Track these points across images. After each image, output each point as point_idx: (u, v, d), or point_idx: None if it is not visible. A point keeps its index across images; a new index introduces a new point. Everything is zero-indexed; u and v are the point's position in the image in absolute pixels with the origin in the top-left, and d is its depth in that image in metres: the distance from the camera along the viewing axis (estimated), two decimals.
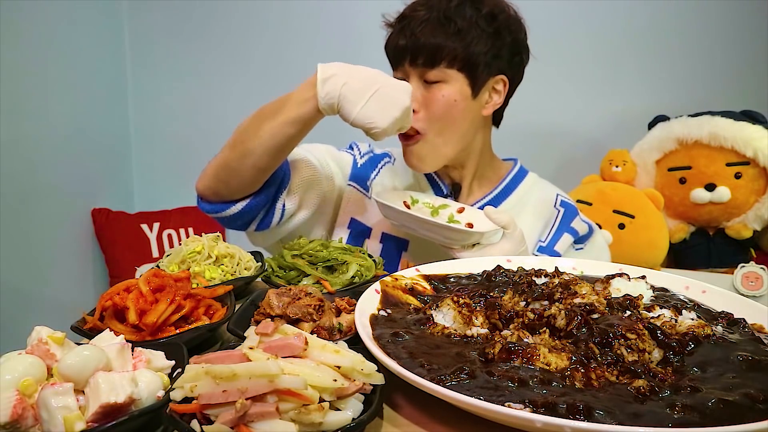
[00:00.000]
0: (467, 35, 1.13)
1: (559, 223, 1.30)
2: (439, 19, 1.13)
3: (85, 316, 0.75)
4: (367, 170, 1.35)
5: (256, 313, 0.76)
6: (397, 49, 1.15)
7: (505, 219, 1.03)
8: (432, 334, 0.69)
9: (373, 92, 0.98)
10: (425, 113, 1.16)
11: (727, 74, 2.29)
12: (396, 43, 1.15)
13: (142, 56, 2.68)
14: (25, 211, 2.10)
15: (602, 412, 0.50)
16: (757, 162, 1.86)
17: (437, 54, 1.13)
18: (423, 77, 1.15)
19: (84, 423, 0.50)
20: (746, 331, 0.68)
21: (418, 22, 1.14)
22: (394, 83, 1.01)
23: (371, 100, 0.97)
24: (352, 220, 1.30)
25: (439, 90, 1.15)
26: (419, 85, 1.16)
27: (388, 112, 0.97)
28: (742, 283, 1.47)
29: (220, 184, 1.10)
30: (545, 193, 1.36)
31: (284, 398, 0.50)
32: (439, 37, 1.12)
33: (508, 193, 1.34)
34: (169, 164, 2.76)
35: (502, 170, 1.38)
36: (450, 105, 1.16)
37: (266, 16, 2.58)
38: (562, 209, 1.32)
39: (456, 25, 1.13)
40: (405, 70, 1.17)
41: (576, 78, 2.42)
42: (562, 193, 1.37)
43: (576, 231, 1.30)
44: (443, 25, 1.13)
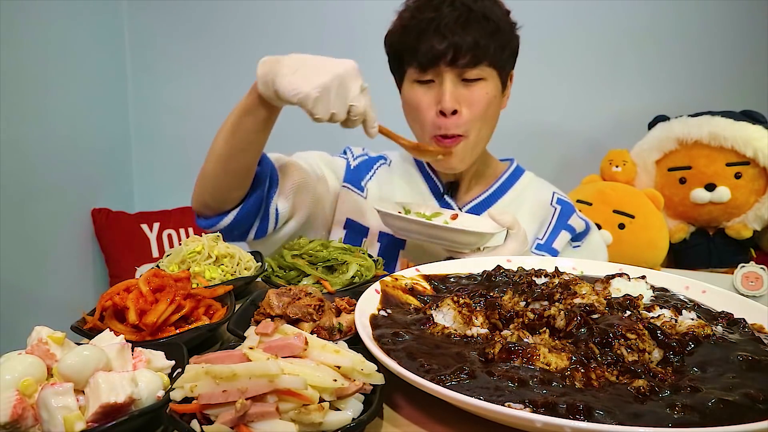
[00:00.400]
0: (503, 33, 1.14)
1: (555, 221, 1.31)
2: (477, 18, 1.12)
3: (85, 316, 0.75)
4: (361, 172, 1.35)
5: (256, 313, 0.76)
6: (434, 51, 1.11)
7: (509, 219, 1.03)
8: (432, 334, 0.69)
9: (303, 64, 0.97)
10: (469, 112, 1.15)
11: (727, 74, 2.29)
12: (431, 43, 1.11)
13: (142, 56, 2.68)
14: (25, 211, 2.10)
15: (602, 412, 0.50)
16: (757, 162, 1.86)
17: (482, 53, 1.12)
18: (461, 76, 1.14)
19: (84, 423, 0.50)
20: (746, 331, 0.68)
21: (455, 21, 1.11)
22: (332, 59, 0.98)
23: (299, 71, 0.95)
24: (348, 220, 1.30)
25: (482, 88, 1.15)
26: (457, 84, 1.14)
27: (314, 79, 0.93)
28: (742, 283, 1.47)
29: (207, 196, 1.11)
30: (541, 192, 1.37)
31: (284, 398, 0.50)
32: (481, 36, 1.11)
33: (504, 191, 1.34)
34: (169, 164, 2.76)
35: (499, 169, 1.39)
36: (491, 102, 1.17)
37: (266, 16, 2.58)
38: (558, 207, 1.33)
39: (494, 24, 1.13)
40: (439, 70, 1.13)
41: (576, 78, 2.42)
42: (558, 191, 1.38)
43: (573, 228, 1.31)
44: (482, 24, 1.12)
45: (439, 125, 1.16)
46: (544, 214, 1.32)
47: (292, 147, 2.23)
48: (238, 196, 1.11)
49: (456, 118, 1.14)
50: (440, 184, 1.33)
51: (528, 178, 1.39)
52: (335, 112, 0.96)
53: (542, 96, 2.42)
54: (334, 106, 0.95)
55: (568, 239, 1.30)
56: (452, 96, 1.13)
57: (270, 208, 1.15)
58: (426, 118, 1.17)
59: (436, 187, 1.33)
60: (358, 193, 1.32)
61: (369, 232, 1.29)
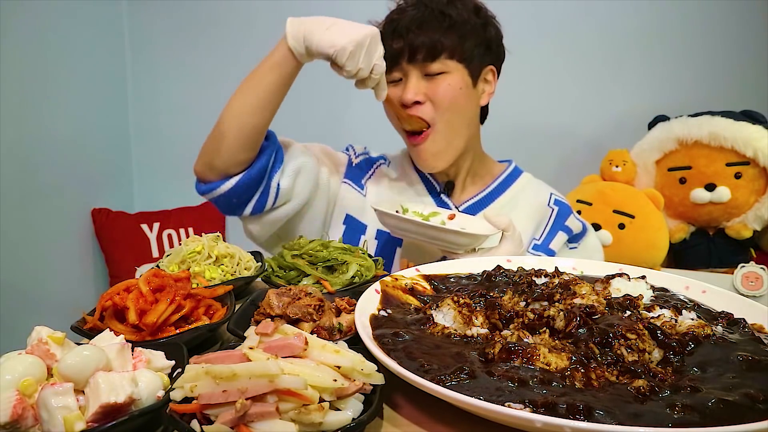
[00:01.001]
0: (462, 28, 1.18)
1: (553, 222, 1.32)
2: (433, 15, 1.17)
3: (85, 316, 0.75)
4: (362, 170, 1.37)
5: (256, 313, 0.76)
6: (393, 50, 1.17)
7: (505, 221, 1.04)
8: (432, 334, 0.69)
9: (335, 23, 1.06)
10: (432, 104, 1.18)
11: (727, 74, 2.29)
12: (391, 45, 1.17)
13: (142, 56, 2.68)
14: (25, 211, 2.10)
15: (602, 412, 0.50)
16: (757, 162, 1.86)
17: (436, 47, 1.16)
18: (424, 71, 1.18)
19: (84, 423, 0.50)
20: (746, 331, 0.68)
21: (411, 20, 1.16)
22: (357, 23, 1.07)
23: (333, 28, 1.04)
24: (347, 216, 1.31)
25: (443, 80, 1.18)
26: (420, 80, 1.18)
27: (349, 34, 1.02)
28: (742, 283, 1.47)
29: (214, 156, 1.13)
30: (539, 193, 1.38)
31: (284, 398, 0.50)
32: (435, 31, 1.16)
33: (501, 191, 1.35)
34: (169, 164, 2.76)
35: (496, 169, 1.40)
36: (456, 92, 1.19)
37: (266, 16, 2.58)
38: (555, 208, 1.34)
39: (451, 19, 1.17)
40: (403, 69, 1.19)
41: (576, 78, 2.42)
42: (555, 192, 1.39)
43: (570, 229, 1.32)
44: (438, 20, 1.16)
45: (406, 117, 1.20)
46: (541, 215, 1.33)
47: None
48: (246, 158, 1.14)
49: (420, 108, 1.18)
50: (437, 184, 1.34)
51: (526, 179, 1.40)
52: (362, 68, 1.04)
53: (542, 96, 2.43)
54: (362, 62, 1.04)
55: (565, 240, 1.31)
56: (413, 88, 1.18)
57: (272, 182, 1.17)
58: (395, 114, 1.22)
59: (433, 187, 1.34)
60: (358, 191, 1.33)
61: (367, 230, 1.30)
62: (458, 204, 1.33)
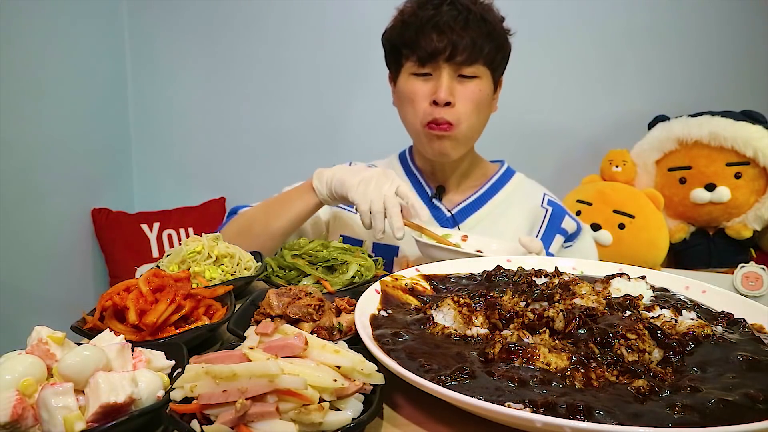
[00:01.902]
0: (498, 37, 1.21)
1: (547, 223, 1.33)
2: (476, 19, 1.18)
3: (85, 316, 0.75)
4: None
5: (256, 313, 0.76)
6: (433, 46, 1.17)
7: (537, 246, 1.07)
8: (432, 334, 0.69)
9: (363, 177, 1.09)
10: (462, 106, 1.20)
11: (727, 74, 2.29)
12: (432, 40, 1.17)
13: (142, 56, 2.68)
14: (25, 211, 2.10)
15: (602, 412, 0.50)
16: (757, 162, 1.86)
17: (478, 51, 1.18)
18: (458, 72, 1.20)
19: (84, 423, 0.50)
20: (746, 331, 0.68)
21: (454, 19, 1.17)
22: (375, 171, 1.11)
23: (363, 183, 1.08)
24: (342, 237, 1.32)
25: (476, 85, 1.21)
26: (452, 79, 1.20)
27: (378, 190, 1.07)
28: (742, 283, 1.47)
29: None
30: (532, 193, 1.39)
31: (284, 398, 0.50)
32: (479, 36, 1.17)
33: (494, 193, 1.36)
34: (169, 164, 2.76)
35: (489, 170, 1.41)
36: (483, 99, 1.23)
37: (266, 16, 2.58)
38: (549, 208, 1.35)
39: (490, 26, 1.19)
40: (437, 65, 1.19)
41: (576, 78, 2.42)
42: (549, 193, 1.41)
43: (566, 231, 1.34)
44: (479, 25, 1.18)
45: (432, 113, 1.20)
46: (534, 216, 1.34)
47: (295, 147, 2.23)
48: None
49: (449, 109, 1.19)
50: (428, 189, 1.35)
51: (518, 179, 1.41)
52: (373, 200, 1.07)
53: (542, 96, 2.43)
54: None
55: (562, 242, 1.33)
56: (447, 88, 1.18)
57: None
58: (420, 107, 1.22)
59: (424, 192, 1.35)
60: (349, 210, 1.35)
61: (363, 245, 1.31)
62: (451, 207, 1.34)
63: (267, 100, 2.64)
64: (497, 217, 1.34)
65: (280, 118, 2.63)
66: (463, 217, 1.33)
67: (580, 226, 1.37)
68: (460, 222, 1.32)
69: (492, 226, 1.32)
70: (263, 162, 2.67)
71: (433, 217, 1.33)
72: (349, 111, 2.57)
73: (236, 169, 2.72)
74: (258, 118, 2.64)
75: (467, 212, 1.32)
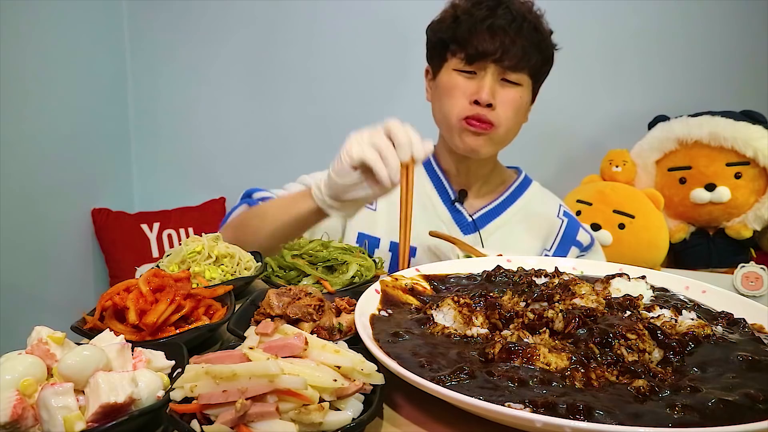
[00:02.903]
0: (546, 49, 1.22)
1: (563, 234, 1.35)
2: (530, 27, 1.18)
3: (85, 316, 0.75)
4: None
5: (256, 313, 0.76)
6: (484, 47, 1.17)
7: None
8: (432, 334, 0.69)
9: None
10: (502, 110, 1.20)
11: (727, 74, 2.29)
12: (484, 40, 1.17)
13: (142, 56, 2.68)
14: (25, 211, 2.10)
15: (602, 412, 0.50)
16: (757, 162, 1.86)
17: (526, 60, 1.18)
18: (502, 76, 1.20)
19: (84, 423, 0.50)
20: (746, 331, 0.68)
21: (509, 24, 1.16)
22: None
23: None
24: (359, 234, 1.32)
25: (518, 92, 1.21)
26: (496, 81, 1.20)
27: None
28: (742, 283, 1.46)
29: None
30: (548, 203, 1.41)
31: (284, 398, 0.50)
32: (529, 45, 1.18)
33: (513, 201, 1.37)
34: (169, 164, 2.76)
35: (507, 178, 1.42)
36: (523, 106, 1.24)
37: (266, 16, 2.58)
38: (565, 219, 1.38)
39: (541, 36, 1.20)
40: (484, 66, 1.19)
41: (576, 78, 2.42)
42: (563, 204, 1.43)
43: (581, 243, 1.36)
44: (532, 34, 1.18)
45: (473, 110, 1.20)
46: (550, 226, 1.36)
47: (296, 147, 2.22)
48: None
49: (488, 111, 1.19)
50: (451, 192, 1.35)
51: (535, 188, 1.42)
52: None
53: (542, 96, 2.42)
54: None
55: (577, 254, 1.35)
56: (491, 90, 1.18)
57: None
58: (459, 102, 1.22)
59: (447, 195, 1.35)
60: (368, 207, 1.33)
61: (380, 243, 1.31)
62: (472, 212, 1.34)
63: (268, 100, 2.64)
64: (515, 225, 1.35)
65: (281, 118, 2.63)
66: (484, 223, 1.33)
67: (593, 238, 1.39)
68: (481, 228, 1.32)
69: (510, 234, 1.33)
70: (263, 162, 2.67)
71: (454, 221, 1.33)
72: (351, 111, 2.57)
73: (236, 169, 2.72)
74: (258, 118, 2.64)
75: (488, 218, 1.33)
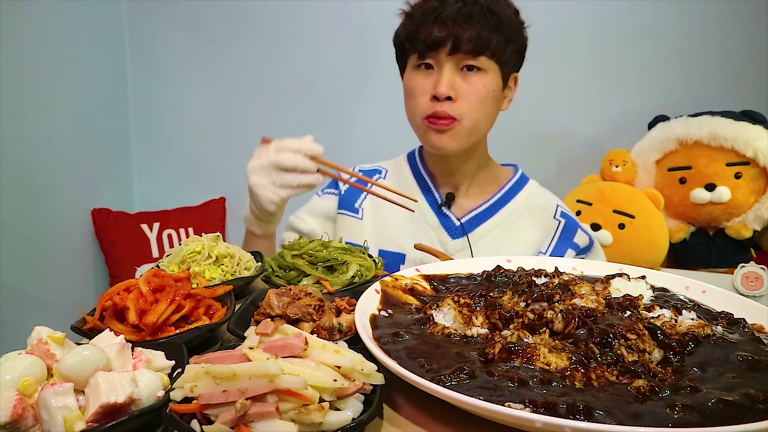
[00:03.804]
0: (507, 30, 1.17)
1: (560, 235, 1.30)
2: (482, 11, 1.14)
3: (85, 316, 0.75)
4: (354, 194, 1.36)
5: (256, 313, 0.76)
6: (436, 39, 1.14)
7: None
8: (432, 334, 0.69)
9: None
10: (464, 101, 1.17)
11: (727, 74, 2.29)
12: (431, 31, 1.15)
13: (142, 56, 2.68)
14: (25, 211, 2.10)
15: (602, 412, 0.50)
16: (757, 162, 1.86)
17: (483, 44, 1.14)
18: (461, 65, 1.16)
19: (84, 423, 0.50)
20: (746, 331, 0.68)
21: (458, 12, 1.14)
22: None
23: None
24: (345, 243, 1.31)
25: (480, 79, 1.17)
26: (455, 74, 1.17)
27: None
28: (742, 283, 1.46)
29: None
30: (545, 202, 1.36)
31: (284, 398, 0.50)
32: (484, 28, 1.14)
33: (506, 201, 1.33)
34: (169, 164, 2.76)
35: (501, 176, 1.37)
36: (489, 94, 1.18)
37: (266, 16, 2.58)
38: (562, 220, 1.32)
39: (498, 18, 1.15)
40: (438, 58, 1.16)
41: (576, 78, 2.42)
42: (561, 204, 1.37)
43: (578, 245, 1.31)
44: (486, 17, 1.14)
45: (433, 107, 1.17)
46: (547, 226, 1.31)
47: None
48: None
49: (449, 104, 1.16)
50: (438, 196, 1.32)
51: (532, 187, 1.37)
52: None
53: (542, 96, 2.43)
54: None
55: (573, 256, 1.30)
56: (448, 82, 1.15)
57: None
58: (420, 101, 1.19)
59: (434, 199, 1.32)
60: (353, 216, 1.33)
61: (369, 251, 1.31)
62: (461, 216, 1.30)
63: (268, 100, 2.64)
64: (508, 226, 1.30)
65: (281, 118, 2.63)
66: (473, 227, 1.29)
67: (592, 240, 1.35)
68: (469, 232, 1.28)
69: (502, 236, 1.29)
70: None
71: (442, 226, 1.30)
72: (352, 111, 2.57)
73: (236, 169, 2.69)
74: (259, 118, 2.64)
75: (477, 221, 1.29)
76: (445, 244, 1.28)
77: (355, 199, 1.35)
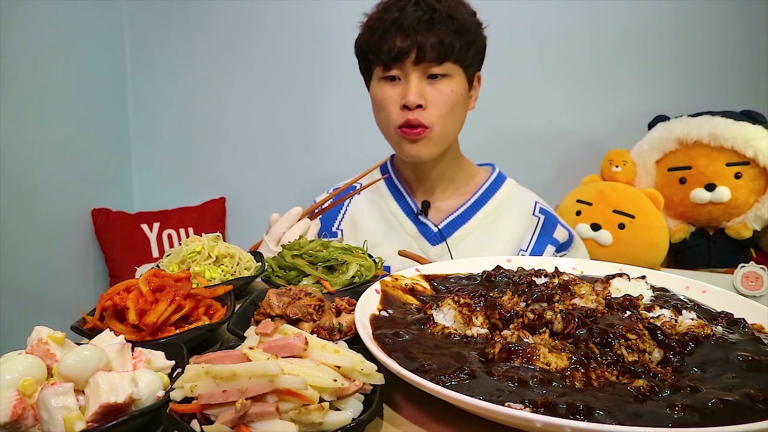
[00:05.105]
0: (468, 33, 1.17)
1: (539, 232, 1.30)
2: (441, 17, 1.15)
3: (85, 316, 0.75)
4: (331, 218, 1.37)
5: (256, 313, 0.76)
6: (400, 50, 1.15)
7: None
8: (432, 334, 0.69)
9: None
10: (434, 108, 1.18)
11: (727, 74, 2.29)
12: (393, 42, 1.15)
13: (142, 56, 2.68)
14: (25, 211, 2.10)
15: (602, 412, 0.50)
16: (757, 162, 1.86)
17: (446, 50, 1.15)
18: (427, 73, 1.17)
19: (84, 423, 0.50)
20: (746, 331, 0.68)
21: (419, 20, 1.14)
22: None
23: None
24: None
25: (447, 85, 1.18)
26: (422, 80, 1.17)
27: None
28: (742, 283, 1.46)
29: None
30: (523, 201, 1.36)
31: (284, 398, 0.50)
32: (446, 34, 1.14)
33: (484, 202, 1.33)
34: (169, 164, 2.76)
35: (477, 177, 1.37)
36: (457, 98, 1.19)
37: (266, 16, 2.58)
38: (541, 216, 1.32)
39: (458, 23, 1.16)
40: (404, 68, 1.17)
41: (576, 78, 2.42)
42: (540, 200, 1.37)
43: (557, 240, 1.31)
44: (446, 23, 1.15)
45: (404, 116, 1.18)
46: (526, 225, 1.31)
47: (296, 147, 2.22)
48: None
49: (420, 112, 1.17)
50: (413, 204, 1.32)
51: (509, 186, 1.37)
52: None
53: (542, 96, 2.43)
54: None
55: (553, 252, 1.30)
56: (417, 91, 1.16)
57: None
58: (392, 112, 1.20)
59: (409, 208, 1.32)
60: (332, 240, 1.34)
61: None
62: (438, 221, 1.30)
63: (267, 100, 2.64)
64: (487, 226, 1.31)
65: (281, 118, 2.63)
66: (451, 231, 1.29)
67: (572, 235, 1.34)
68: (448, 236, 1.29)
69: (482, 237, 1.29)
70: (263, 162, 2.67)
71: (421, 233, 1.30)
72: (352, 111, 2.57)
73: (236, 169, 2.72)
74: (258, 118, 2.64)
75: (455, 225, 1.30)
76: (425, 251, 1.28)
77: (332, 222, 1.37)
